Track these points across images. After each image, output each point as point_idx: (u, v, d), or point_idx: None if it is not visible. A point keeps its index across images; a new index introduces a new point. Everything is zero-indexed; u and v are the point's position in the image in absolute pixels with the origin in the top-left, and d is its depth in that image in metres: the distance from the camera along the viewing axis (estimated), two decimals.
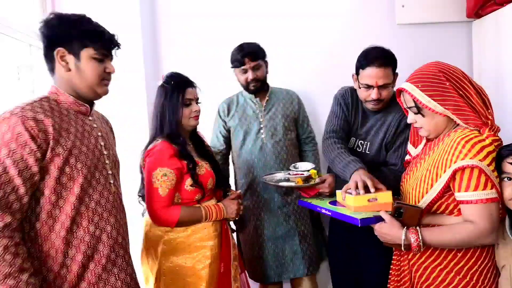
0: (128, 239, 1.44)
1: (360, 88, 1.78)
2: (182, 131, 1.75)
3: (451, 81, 1.34)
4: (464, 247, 1.33)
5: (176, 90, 1.72)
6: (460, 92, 1.34)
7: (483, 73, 2.38)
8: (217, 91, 2.51)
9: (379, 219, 1.43)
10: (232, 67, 2.18)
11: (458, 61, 1.50)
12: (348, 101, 1.93)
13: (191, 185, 1.68)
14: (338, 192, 1.65)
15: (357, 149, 1.88)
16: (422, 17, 2.52)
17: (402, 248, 1.35)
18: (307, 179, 1.82)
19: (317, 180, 1.81)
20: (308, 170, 1.87)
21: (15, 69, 2.12)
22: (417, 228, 1.34)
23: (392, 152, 1.79)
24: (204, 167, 1.74)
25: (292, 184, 1.82)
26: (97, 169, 1.30)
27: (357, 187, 1.51)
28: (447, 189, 1.32)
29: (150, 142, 1.74)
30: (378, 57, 1.70)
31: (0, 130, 1.12)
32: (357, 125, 1.91)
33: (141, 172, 1.76)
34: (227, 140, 2.29)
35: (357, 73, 1.79)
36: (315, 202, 1.70)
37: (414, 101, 1.38)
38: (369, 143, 1.84)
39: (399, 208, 1.38)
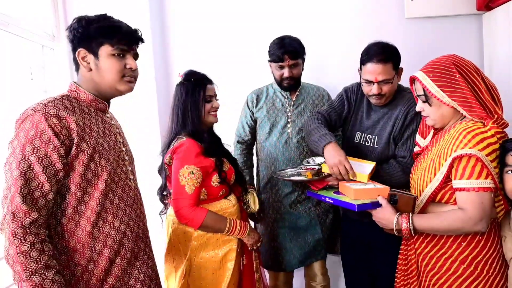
0: (148, 233, 1.47)
1: (361, 83, 1.82)
2: (204, 128, 1.77)
3: (462, 74, 1.36)
4: (453, 233, 1.36)
5: (197, 86, 1.74)
6: (470, 86, 1.35)
7: (494, 66, 2.36)
8: (228, 90, 2.54)
9: (375, 204, 1.50)
10: (269, 60, 2.16)
11: (468, 54, 1.51)
12: (352, 95, 1.97)
13: (218, 182, 1.71)
14: (340, 183, 1.71)
15: (365, 143, 1.89)
16: (431, 10, 2.49)
17: (395, 233, 1.43)
18: (318, 173, 1.84)
19: (326, 173, 1.83)
20: (320, 164, 1.89)
21: (28, 69, 2.16)
22: (409, 214, 1.40)
23: (401, 145, 1.81)
24: (227, 164, 1.78)
25: (302, 178, 1.85)
26: (118, 165, 1.32)
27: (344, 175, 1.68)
28: (448, 179, 1.35)
29: (171, 140, 1.74)
30: (377, 53, 1.72)
31: (24, 127, 1.13)
32: (361, 119, 1.93)
33: (164, 170, 1.76)
34: (253, 130, 2.28)
35: (360, 68, 1.82)
36: (321, 192, 1.76)
37: (424, 90, 1.41)
38: (377, 136, 1.86)
39: (394, 196, 1.46)
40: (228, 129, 2.31)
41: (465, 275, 1.34)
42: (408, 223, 1.39)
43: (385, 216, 1.45)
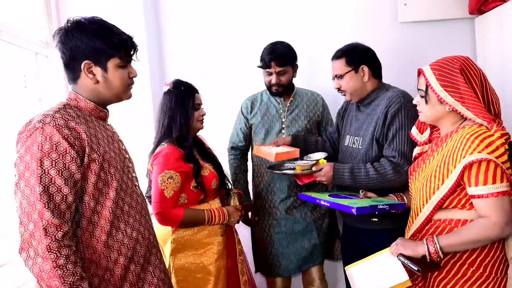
0: (156, 237, 1.48)
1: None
2: (190, 135, 1.83)
3: (467, 76, 1.37)
4: (482, 244, 1.30)
5: (187, 95, 1.81)
6: (474, 88, 1.36)
7: (487, 70, 2.36)
8: (225, 94, 2.56)
9: (374, 208, 1.52)
10: (258, 66, 2.17)
11: None
12: (344, 102, 2.03)
13: (194, 187, 1.76)
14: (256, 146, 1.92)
15: (353, 145, 1.92)
16: (424, 14, 2.51)
17: (427, 259, 1.33)
18: (311, 168, 1.87)
19: (314, 168, 1.85)
20: (317, 160, 1.91)
21: (22, 77, 2.15)
22: (434, 237, 1.33)
23: (387, 145, 1.78)
24: (208, 169, 1.82)
25: (291, 171, 1.90)
26: (124, 172, 1.32)
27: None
28: (458, 185, 1.33)
29: (156, 146, 1.81)
30: (335, 51, 1.91)
31: (35, 141, 1.10)
32: (351, 122, 1.98)
33: (147, 176, 1.84)
34: (247, 137, 2.29)
35: None
36: (315, 194, 1.76)
37: (427, 86, 1.41)
38: (361, 138, 1.89)
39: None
40: (225, 134, 2.34)
41: (474, 277, 1.33)
42: (436, 246, 1.30)
43: (411, 246, 1.35)
